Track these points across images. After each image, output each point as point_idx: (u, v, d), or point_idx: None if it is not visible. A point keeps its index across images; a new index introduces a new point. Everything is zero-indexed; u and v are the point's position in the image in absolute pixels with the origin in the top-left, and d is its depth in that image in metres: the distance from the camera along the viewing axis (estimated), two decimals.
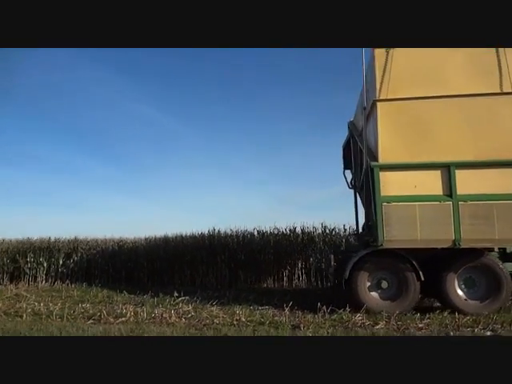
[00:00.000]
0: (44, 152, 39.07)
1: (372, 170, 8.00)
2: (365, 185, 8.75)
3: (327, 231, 14.00)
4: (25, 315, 8.73)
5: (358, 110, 10.24)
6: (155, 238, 17.29)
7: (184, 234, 16.38)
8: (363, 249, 8.50)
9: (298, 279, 13.26)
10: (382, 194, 7.82)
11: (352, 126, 10.59)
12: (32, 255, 16.14)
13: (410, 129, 7.96)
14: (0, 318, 8.56)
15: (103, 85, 35.96)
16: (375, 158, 8.13)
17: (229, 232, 15.29)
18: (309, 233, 14.12)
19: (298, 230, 14.32)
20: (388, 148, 7.95)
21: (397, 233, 7.72)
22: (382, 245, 7.76)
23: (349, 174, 11.01)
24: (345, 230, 13.90)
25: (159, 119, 38.23)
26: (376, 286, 8.19)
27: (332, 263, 8.73)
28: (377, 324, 7.07)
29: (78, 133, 39.29)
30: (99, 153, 40.96)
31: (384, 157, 7.97)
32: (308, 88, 34.07)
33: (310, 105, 34.92)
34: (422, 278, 7.83)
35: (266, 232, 14.76)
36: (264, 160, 37.98)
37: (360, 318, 7.36)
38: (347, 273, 8.09)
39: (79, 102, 37.44)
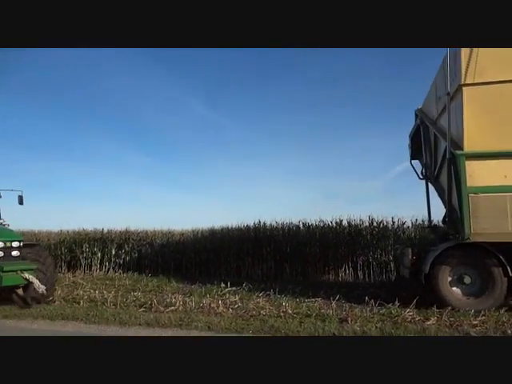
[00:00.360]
0: (108, 149, 40.87)
1: (456, 159, 7.49)
2: (446, 175, 8.11)
3: (375, 224, 13.67)
4: (82, 302, 9.23)
5: (429, 97, 9.75)
6: (202, 230, 17.63)
7: (230, 226, 16.60)
8: (441, 242, 8.09)
9: (345, 272, 13.08)
10: (468, 184, 7.28)
11: (421, 113, 10.04)
12: (87, 245, 16.98)
13: (498, 114, 7.35)
14: (60, 304, 9.10)
15: (158, 84, 37.02)
16: (459, 147, 7.57)
17: (274, 224, 15.33)
18: (356, 225, 13.86)
19: (345, 222, 14.10)
20: (474, 135, 7.36)
21: (485, 226, 7.16)
22: (468, 238, 7.26)
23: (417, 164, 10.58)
24: (393, 222, 13.53)
25: (208, 115, 38.83)
26: (458, 282, 7.71)
27: (410, 257, 8.33)
28: (428, 320, 6.85)
29: (135, 131, 40.91)
30: (153, 149, 42.36)
31: (470, 145, 7.40)
32: (352, 82, 33.29)
33: (357, 99, 34.16)
34: (511, 274, 7.31)
35: (312, 225, 14.66)
36: (309, 153, 37.62)
37: (410, 313, 7.16)
38: (427, 267, 7.72)
39: (137, 102, 38.79)
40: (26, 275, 8.23)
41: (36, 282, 8.29)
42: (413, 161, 10.67)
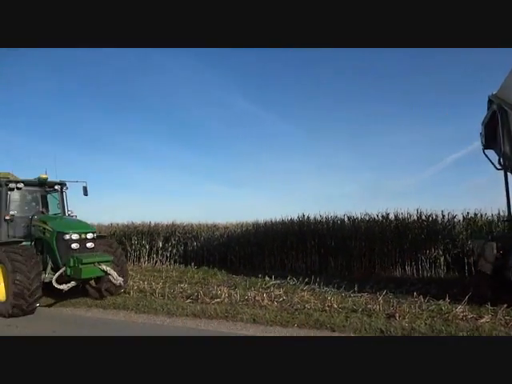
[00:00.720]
0: (154, 146, 42.11)
1: None
2: None
3: (423, 217, 13.17)
4: (132, 292, 9.58)
5: (508, 81, 9.08)
6: (246, 224, 17.76)
7: (274, 220, 16.61)
8: None
9: (392, 267, 12.74)
10: None
11: (498, 99, 9.40)
12: (136, 238, 17.60)
13: None
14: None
15: (202, 81, 37.60)
16: None
17: (318, 218, 15.16)
18: (403, 219, 13.43)
19: (392, 216, 13.70)
20: None
21: None
22: None
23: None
24: (443, 216, 12.97)
25: (250, 109, 38.94)
26: None
27: (495, 251, 7.73)
28: (481, 317, 6.54)
29: (181, 127, 41.88)
30: (197, 144, 43.17)
31: None
32: (398, 77, 32.18)
33: (400, 91, 33.04)
34: None
35: (357, 218, 14.37)
36: (354, 147, 36.85)
37: (461, 310, 6.88)
38: None
39: (183, 99, 39.60)
40: (104, 267, 8.14)
41: (114, 274, 8.22)
42: (486, 150, 9.83)
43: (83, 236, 8.55)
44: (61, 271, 8.09)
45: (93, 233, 8.87)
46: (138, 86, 39.28)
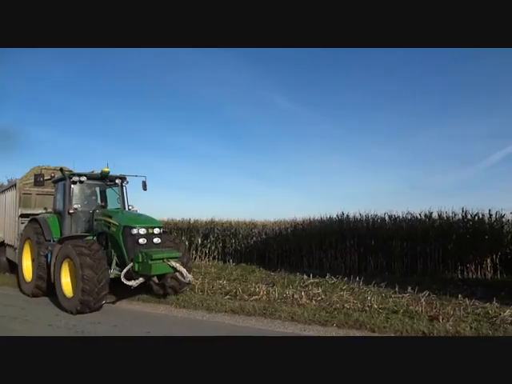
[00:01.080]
0: (192, 143, 42.93)
1: None
2: None
3: (469, 217, 12.63)
4: None
5: None
6: (284, 222, 17.72)
7: (312, 218, 16.49)
8: None
9: (435, 267, 12.33)
10: None
11: None
12: (175, 234, 17.94)
13: None
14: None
15: (240, 79, 37.85)
16: None
17: (358, 216, 14.90)
18: (447, 218, 12.95)
19: (435, 215, 13.25)
20: None
21: None
22: None
23: None
24: (490, 215, 12.38)
25: (291, 108, 38.83)
26: None
27: None
28: None
29: (219, 126, 42.44)
30: (236, 142, 43.57)
31: None
32: (435, 71, 31.03)
33: (441, 82, 31.83)
34: None
35: (398, 217, 14.00)
36: (393, 142, 35.92)
37: (510, 313, 6.56)
38: None
39: (220, 97, 40.07)
40: (174, 263, 7.74)
41: (184, 271, 7.76)
42: None
43: (150, 231, 8.21)
44: (128, 267, 7.78)
45: (159, 228, 8.49)
46: (183, 84, 40.00)
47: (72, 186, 9.22)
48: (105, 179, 9.73)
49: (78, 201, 9.34)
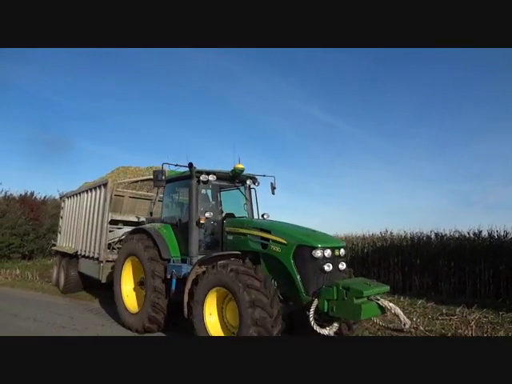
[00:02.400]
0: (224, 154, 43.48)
1: None
2: None
3: None
4: None
5: None
6: None
7: (353, 235, 16.19)
8: None
9: (485, 288, 11.73)
10: None
11: None
12: None
13: None
14: None
15: (278, 91, 38.25)
16: None
17: (402, 234, 14.49)
18: (498, 237, 12.32)
19: (485, 233, 12.64)
20: None
21: None
22: None
23: None
24: None
25: (329, 120, 38.72)
26: None
27: None
28: None
29: (256, 139, 42.92)
30: (274, 155, 43.80)
31: None
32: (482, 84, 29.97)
33: (491, 95, 30.67)
34: None
35: (445, 235, 13.49)
36: (435, 157, 34.86)
37: None
38: None
39: (258, 110, 40.64)
40: (385, 303, 5.50)
41: (401, 314, 5.75)
42: None
43: (336, 252, 5.96)
44: (314, 306, 5.43)
45: (344, 248, 6.26)
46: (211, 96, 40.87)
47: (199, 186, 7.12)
48: (234, 179, 7.61)
49: (205, 207, 7.39)
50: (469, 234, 12.92)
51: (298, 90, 39.52)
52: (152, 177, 7.26)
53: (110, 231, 9.64)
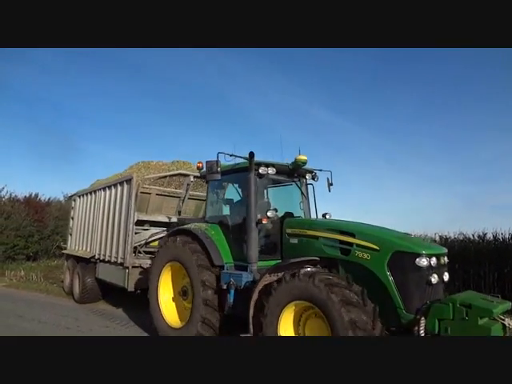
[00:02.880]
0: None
1: None
2: None
3: None
4: None
5: None
6: None
7: None
8: None
9: (489, 291, 11.59)
10: None
11: None
12: None
13: None
14: None
15: (277, 88, 38.32)
16: None
17: None
18: (503, 240, 12.22)
19: (490, 236, 12.53)
20: None
21: None
22: None
23: None
24: None
25: (331, 119, 38.71)
26: None
27: None
28: None
29: (253, 136, 42.91)
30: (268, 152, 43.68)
31: None
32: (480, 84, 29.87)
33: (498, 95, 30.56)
34: None
35: (449, 238, 13.40)
36: (441, 156, 34.60)
37: None
38: None
39: (255, 107, 40.68)
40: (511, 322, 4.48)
41: None
42: None
43: (442, 261, 5.13)
44: (423, 326, 4.42)
45: (446, 255, 5.40)
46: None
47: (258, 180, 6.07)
48: (292, 173, 6.64)
49: (266, 205, 6.47)
50: (473, 236, 12.86)
51: (298, 88, 39.54)
52: (181, 172, 6.94)
53: (136, 233, 8.68)
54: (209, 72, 40.49)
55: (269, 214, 5.79)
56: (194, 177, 8.74)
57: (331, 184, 6.81)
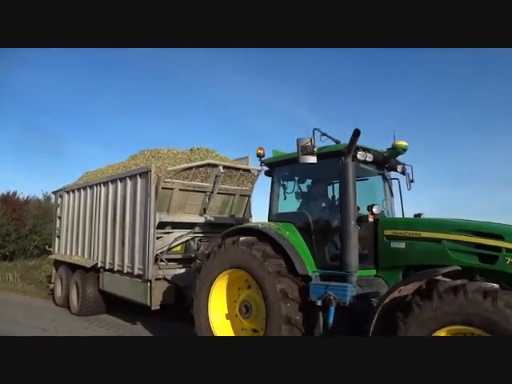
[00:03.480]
0: None
1: None
2: None
3: None
4: None
5: None
6: None
7: None
8: None
9: None
10: None
11: None
12: None
13: None
14: None
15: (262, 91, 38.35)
16: None
17: None
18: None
19: None
20: None
21: None
22: None
23: None
24: None
25: (311, 119, 38.86)
26: None
27: None
28: None
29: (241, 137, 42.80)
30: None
31: None
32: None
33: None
34: None
35: None
36: (420, 161, 34.74)
37: None
38: None
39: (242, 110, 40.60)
40: None
41: None
42: None
43: None
44: None
45: None
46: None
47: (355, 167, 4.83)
48: (384, 163, 5.42)
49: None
50: None
51: (281, 88, 39.65)
52: (210, 162, 6.08)
53: (158, 238, 7.26)
54: (194, 70, 40.16)
55: (374, 209, 4.75)
56: (224, 167, 7.60)
57: (412, 181, 5.72)
